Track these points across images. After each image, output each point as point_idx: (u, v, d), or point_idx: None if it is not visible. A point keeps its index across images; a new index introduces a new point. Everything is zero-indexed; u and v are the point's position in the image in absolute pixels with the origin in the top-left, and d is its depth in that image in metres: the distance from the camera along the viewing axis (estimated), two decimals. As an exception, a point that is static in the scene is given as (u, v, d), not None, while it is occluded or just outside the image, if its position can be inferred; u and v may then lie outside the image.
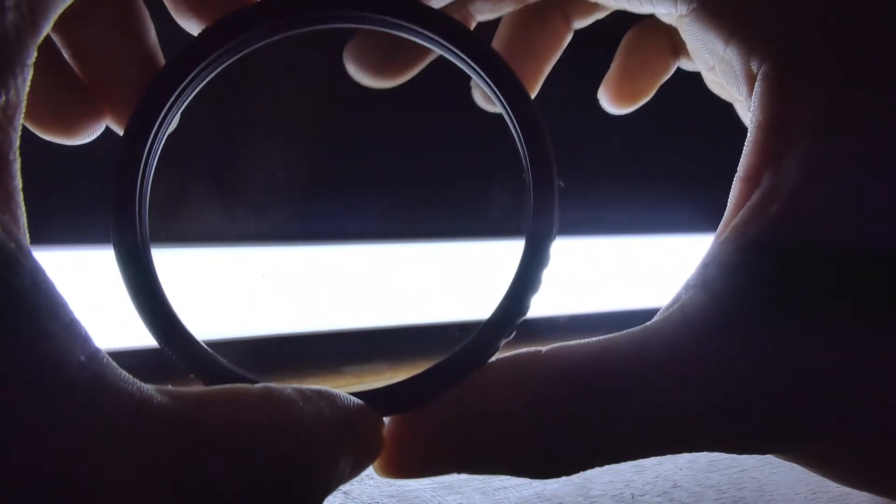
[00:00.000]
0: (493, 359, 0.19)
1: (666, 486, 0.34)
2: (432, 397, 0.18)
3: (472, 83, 0.23)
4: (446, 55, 0.21)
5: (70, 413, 0.13)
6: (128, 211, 0.19)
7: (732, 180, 0.29)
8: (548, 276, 0.20)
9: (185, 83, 0.20)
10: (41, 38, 0.15)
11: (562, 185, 0.20)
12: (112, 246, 0.19)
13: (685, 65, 0.28)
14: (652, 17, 0.27)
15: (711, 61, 0.22)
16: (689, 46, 0.23)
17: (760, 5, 0.19)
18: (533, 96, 0.26)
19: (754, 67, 0.19)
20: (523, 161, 0.20)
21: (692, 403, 0.17)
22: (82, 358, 0.13)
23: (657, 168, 0.57)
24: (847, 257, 0.17)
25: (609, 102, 0.28)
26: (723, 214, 0.20)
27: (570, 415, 0.17)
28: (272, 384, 0.17)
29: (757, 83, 0.19)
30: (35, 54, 0.15)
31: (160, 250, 0.21)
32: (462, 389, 0.18)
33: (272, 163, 0.43)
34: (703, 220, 0.63)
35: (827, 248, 0.17)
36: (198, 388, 0.15)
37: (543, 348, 0.18)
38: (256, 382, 0.19)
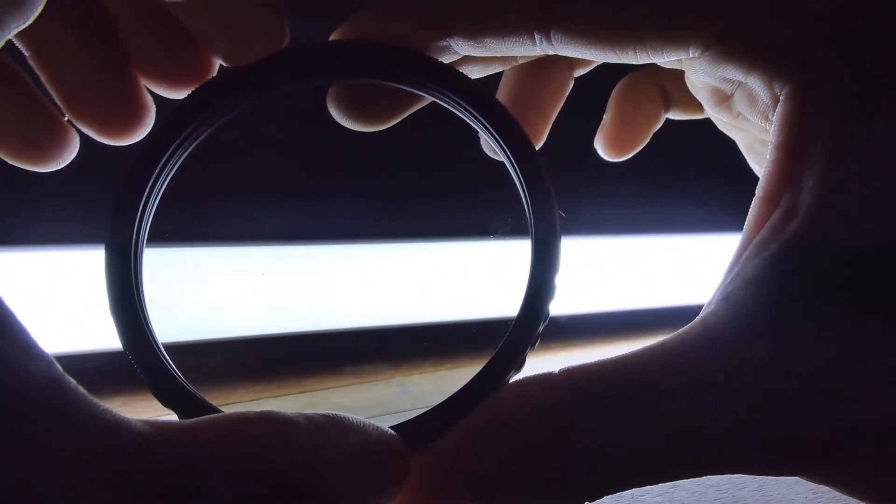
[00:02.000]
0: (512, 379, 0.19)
1: (666, 485, 0.34)
2: (449, 427, 0.18)
3: (479, 135, 0.23)
4: (449, 106, 0.21)
5: (32, 440, 0.12)
6: (125, 235, 0.19)
7: (732, 179, 0.29)
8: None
9: (221, 107, 0.20)
10: None
11: (562, 215, 0.20)
12: (104, 277, 0.19)
13: (674, 115, 0.29)
14: (645, 65, 0.27)
15: (728, 91, 0.22)
16: (696, 83, 0.23)
17: (781, 31, 0.19)
18: (539, 146, 0.27)
19: (777, 90, 0.19)
20: (526, 212, 0.20)
21: (715, 415, 0.17)
22: (43, 382, 0.12)
23: (658, 168, 0.57)
24: (869, 265, 0.17)
25: (605, 151, 0.29)
26: (723, 213, 0.20)
27: (592, 429, 0.17)
28: (274, 410, 0.15)
29: (779, 105, 0.19)
30: None
31: (160, 249, 0.21)
32: (475, 416, 0.18)
33: (273, 163, 0.43)
34: (705, 219, 0.63)
35: (848, 258, 0.17)
36: (187, 421, 0.14)
37: (555, 370, 0.18)
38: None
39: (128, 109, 0.21)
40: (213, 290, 0.41)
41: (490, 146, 0.24)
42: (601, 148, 0.29)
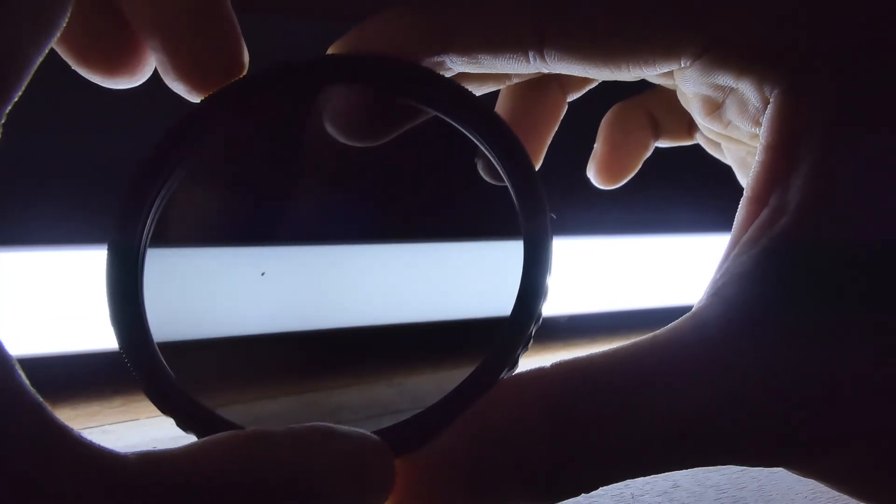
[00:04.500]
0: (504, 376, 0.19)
1: (666, 485, 0.34)
2: (444, 426, 0.18)
3: (477, 158, 0.23)
4: (448, 119, 0.21)
5: (27, 483, 0.12)
6: (128, 238, 0.19)
7: (732, 179, 0.29)
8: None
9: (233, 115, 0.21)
10: (11, 104, 0.14)
11: (554, 217, 0.20)
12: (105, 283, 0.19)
13: (663, 143, 0.29)
14: (631, 94, 0.28)
15: (718, 98, 0.22)
16: (686, 93, 0.23)
17: (770, 36, 0.19)
18: (537, 168, 0.27)
19: (768, 93, 0.19)
20: (518, 214, 0.20)
21: (704, 407, 0.17)
22: (35, 426, 0.13)
23: (658, 168, 0.57)
24: (858, 261, 0.17)
25: (597, 179, 0.30)
26: (722, 213, 0.21)
27: (583, 421, 0.17)
28: (261, 427, 0.16)
29: (768, 107, 0.19)
30: (4, 119, 0.14)
31: (161, 250, 0.21)
32: (470, 413, 0.18)
33: (274, 163, 0.43)
34: (704, 220, 0.63)
35: (836, 254, 0.17)
36: (177, 447, 0.15)
37: (547, 364, 0.18)
38: (230, 426, 0.18)
39: (126, 53, 0.21)
40: (213, 290, 0.41)
41: (488, 171, 0.24)
42: (593, 176, 0.30)
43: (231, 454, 0.15)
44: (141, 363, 0.19)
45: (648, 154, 0.30)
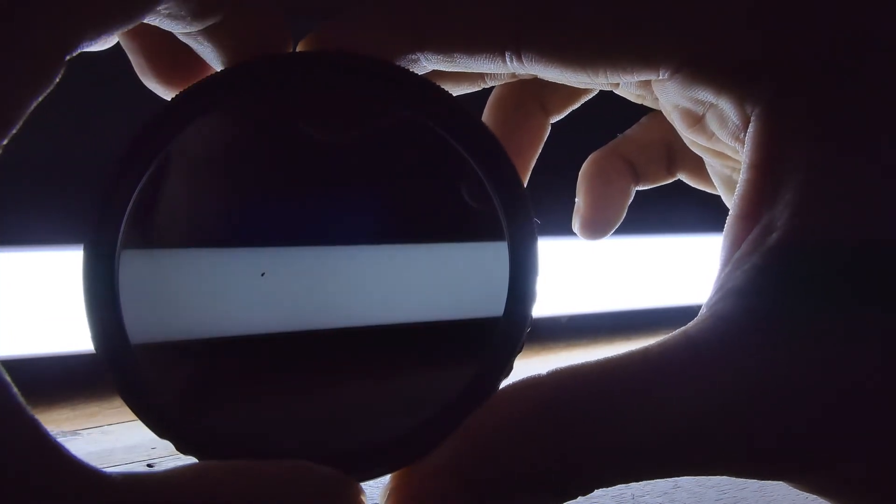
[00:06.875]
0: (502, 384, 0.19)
1: (667, 486, 0.34)
2: (445, 437, 0.18)
3: (461, 183, 0.23)
4: (425, 120, 0.21)
5: (24, 500, 0.13)
6: (107, 240, 0.19)
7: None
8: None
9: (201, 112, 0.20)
10: (7, 139, 0.15)
11: (538, 222, 0.20)
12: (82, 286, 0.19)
13: (643, 186, 0.29)
14: (608, 143, 0.28)
15: (699, 112, 0.22)
16: (667, 106, 0.23)
17: (749, 53, 0.19)
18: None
19: (748, 111, 0.19)
20: (501, 218, 0.20)
21: (691, 419, 0.17)
22: (30, 445, 0.13)
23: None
24: (846, 273, 0.17)
25: (584, 233, 0.29)
26: (723, 213, 0.20)
27: (576, 427, 0.17)
28: (239, 461, 0.17)
29: (750, 125, 0.19)
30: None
31: (162, 252, 0.21)
32: (471, 421, 0.18)
33: (273, 164, 0.43)
34: (705, 219, 0.63)
35: (826, 266, 0.18)
36: (162, 470, 0.16)
37: (543, 371, 0.18)
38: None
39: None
40: (213, 290, 0.41)
41: (472, 196, 0.23)
42: (579, 231, 0.29)
43: (203, 480, 0.16)
44: (116, 364, 0.19)
45: (630, 200, 0.30)
